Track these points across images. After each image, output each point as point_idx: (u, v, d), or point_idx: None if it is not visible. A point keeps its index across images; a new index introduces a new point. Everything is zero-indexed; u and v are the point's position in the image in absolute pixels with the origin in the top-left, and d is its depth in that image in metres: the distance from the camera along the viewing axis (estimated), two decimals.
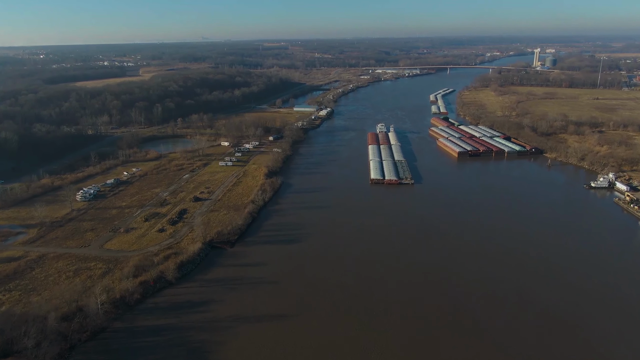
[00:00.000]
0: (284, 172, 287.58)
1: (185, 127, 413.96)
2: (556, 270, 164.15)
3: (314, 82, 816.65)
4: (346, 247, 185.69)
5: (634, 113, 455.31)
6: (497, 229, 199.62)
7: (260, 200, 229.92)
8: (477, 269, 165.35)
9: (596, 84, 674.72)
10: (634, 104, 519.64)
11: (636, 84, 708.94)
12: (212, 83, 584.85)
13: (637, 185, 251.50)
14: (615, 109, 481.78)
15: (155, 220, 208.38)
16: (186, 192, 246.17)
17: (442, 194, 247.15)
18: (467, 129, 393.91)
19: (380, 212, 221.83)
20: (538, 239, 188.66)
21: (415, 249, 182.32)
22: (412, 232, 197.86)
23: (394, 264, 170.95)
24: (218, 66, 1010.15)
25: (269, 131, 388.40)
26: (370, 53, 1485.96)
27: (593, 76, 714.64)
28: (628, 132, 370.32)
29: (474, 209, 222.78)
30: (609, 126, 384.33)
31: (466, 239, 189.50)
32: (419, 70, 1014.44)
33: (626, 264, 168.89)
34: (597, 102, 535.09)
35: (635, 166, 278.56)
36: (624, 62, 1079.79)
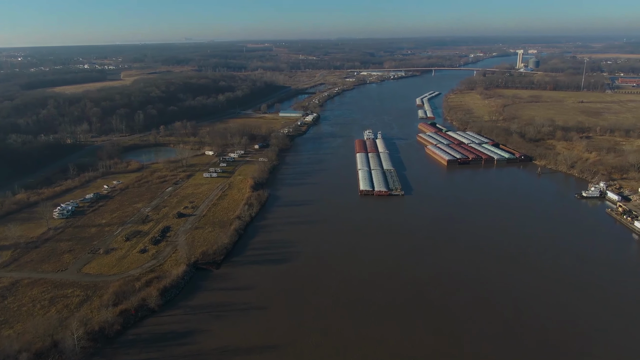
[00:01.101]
0: (271, 183, 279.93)
1: (168, 134, 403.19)
2: (551, 290, 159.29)
3: (299, 85, 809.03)
4: (337, 266, 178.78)
5: (619, 117, 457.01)
6: (491, 247, 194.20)
7: (247, 215, 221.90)
8: (471, 291, 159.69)
9: (580, 87, 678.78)
10: (618, 107, 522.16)
11: (619, 86, 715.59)
12: (196, 88, 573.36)
13: (628, 194, 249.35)
14: (601, 113, 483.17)
15: (136, 239, 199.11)
16: (169, 207, 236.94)
17: (433, 206, 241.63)
18: (455, 135, 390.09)
19: (371, 227, 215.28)
20: (532, 257, 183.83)
21: (408, 268, 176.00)
22: (404, 249, 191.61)
23: (387, 284, 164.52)
24: (202, 69, 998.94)
25: (254, 139, 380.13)
26: (354, 54, 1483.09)
27: (577, 79, 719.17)
28: (615, 137, 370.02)
29: (465, 224, 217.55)
30: (596, 131, 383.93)
31: (459, 258, 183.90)
32: (404, 72, 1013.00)
33: (623, 283, 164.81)
34: (582, 105, 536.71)
35: (625, 174, 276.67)
36: (605, 64, 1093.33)
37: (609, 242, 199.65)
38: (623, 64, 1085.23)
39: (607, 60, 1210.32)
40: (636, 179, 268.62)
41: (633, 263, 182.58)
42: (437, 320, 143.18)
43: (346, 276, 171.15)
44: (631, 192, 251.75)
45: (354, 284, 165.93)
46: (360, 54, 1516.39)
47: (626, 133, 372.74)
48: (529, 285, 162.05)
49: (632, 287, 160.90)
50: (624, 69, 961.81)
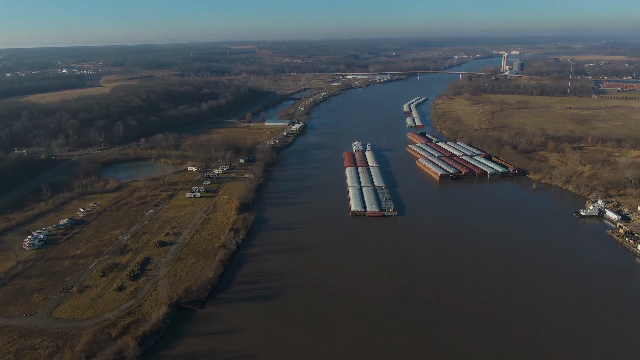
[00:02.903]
0: (257, 203, 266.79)
1: (149, 147, 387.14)
2: (554, 326, 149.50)
3: (284, 90, 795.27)
4: (331, 302, 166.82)
5: (608, 125, 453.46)
6: (493, 277, 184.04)
7: (233, 243, 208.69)
8: (470, 332, 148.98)
9: (566, 91, 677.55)
10: (606, 114, 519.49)
11: (604, 91, 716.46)
12: (178, 96, 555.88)
13: (627, 212, 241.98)
14: (590, 120, 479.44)
15: (113, 274, 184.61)
16: (150, 233, 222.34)
17: (427, 229, 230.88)
18: (445, 146, 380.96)
19: (365, 254, 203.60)
20: (532, 286, 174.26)
21: (406, 304, 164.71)
22: (402, 283, 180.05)
23: (385, 324, 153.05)
24: (184, 73, 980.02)
25: (239, 151, 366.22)
26: (339, 57, 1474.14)
27: (563, 83, 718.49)
28: (607, 148, 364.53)
29: (462, 248, 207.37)
30: (588, 141, 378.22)
31: (456, 290, 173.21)
32: (390, 76, 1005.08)
33: (631, 314, 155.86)
34: (570, 112, 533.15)
35: (622, 190, 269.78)
36: (589, 66, 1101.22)
37: (614, 268, 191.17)
38: (605, 66, 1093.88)
39: (589, 62, 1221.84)
40: (634, 196, 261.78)
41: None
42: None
43: (340, 315, 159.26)
44: (630, 210, 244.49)
45: (349, 324, 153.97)
46: (344, 56, 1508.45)
47: (618, 143, 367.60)
48: (533, 317, 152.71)
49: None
50: (607, 72, 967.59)
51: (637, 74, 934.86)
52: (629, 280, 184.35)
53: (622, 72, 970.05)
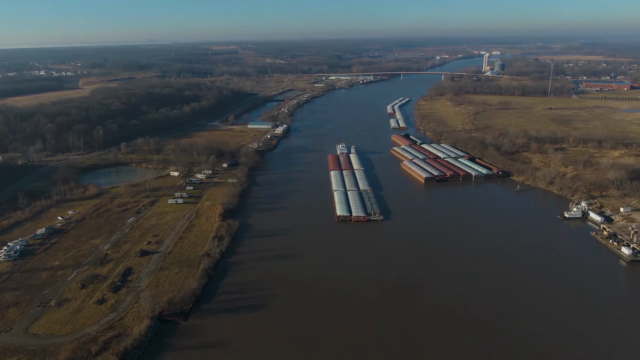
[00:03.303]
0: (242, 209, 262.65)
1: (130, 152, 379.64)
2: (540, 327, 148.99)
3: (267, 91, 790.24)
4: (318, 311, 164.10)
5: (589, 125, 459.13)
6: (478, 280, 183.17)
7: (217, 251, 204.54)
8: (460, 336, 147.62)
9: (547, 92, 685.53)
10: (586, 114, 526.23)
11: (583, 91, 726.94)
12: (159, 98, 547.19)
13: (610, 214, 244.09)
14: (570, 121, 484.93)
15: (93, 285, 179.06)
16: (131, 242, 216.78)
17: (413, 232, 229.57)
18: (430, 148, 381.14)
19: (351, 261, 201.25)
20: (520, 290, 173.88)
21: (394, 310, 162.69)
22: (390, 288, 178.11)
23: (375, 332, 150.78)
24: (165, 75, 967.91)
25: (222, 155, 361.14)
26: (322, 57, 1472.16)
27: (543, 84, 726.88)
28: (588, 148, 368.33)
29: (449, 253, 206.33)
30: (569, 142, 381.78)
31: (444, 296, 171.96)
32: (373, 77, 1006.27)
33: (618, 316, 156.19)
34: (552, 112, 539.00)
35: (605, 191, 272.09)
36: (568, 66, 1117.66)
37: (599, 271, 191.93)
38: (584, 66, 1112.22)
39: (568, 62, 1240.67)
40: (616, 197, 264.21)
41: (626, 295, 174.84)
42: None
43: (328, 323, 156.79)
44: (613, 211, 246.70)
45: (337, 332, 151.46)
46: (327, 57, 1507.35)
47: (599, 144, 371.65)
48: (521, 319, 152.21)
49: (629, 324, 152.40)
50: (586, 72, 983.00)
51: (615, 74, 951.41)
52: (614, 283, 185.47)
53: (601, 72, 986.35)
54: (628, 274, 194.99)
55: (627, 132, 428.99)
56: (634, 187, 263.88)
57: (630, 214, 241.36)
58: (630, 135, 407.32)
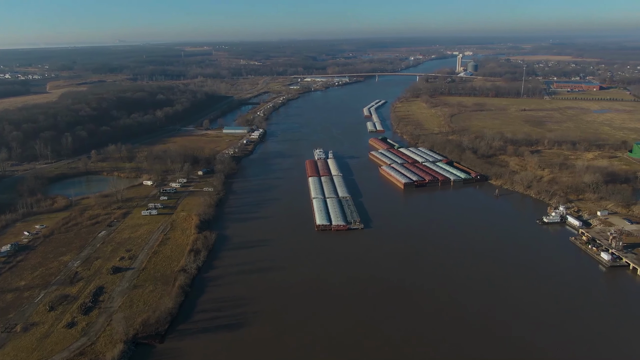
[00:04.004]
0: (218, 219, 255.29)
1: (101, 160, 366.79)
2: (525, 337, 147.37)
3: (242, 94, 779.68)
4: (300, 328, 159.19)
5: (562, 127, 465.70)
6: (462, 288, 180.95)
7: (193, 266, 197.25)
8: (449, 343, 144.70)
9: (520, 93, 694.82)
10: (559, 115, 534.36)
11: (555, 92, 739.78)
12: (131, 103, 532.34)
13: (587, 218, 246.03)
14: (544, 122, 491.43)
15: (63, 307, 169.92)
16: (103, 258, 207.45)
17: (394, 241, 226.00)
18: (407, 152, 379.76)
19: (333, 272, 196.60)
20: (502, 298, 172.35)
21: (382, 324, 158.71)
22: (374, 301, 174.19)
23: (361, 346, 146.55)
24: (137, 78, 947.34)
25: (197, 162, 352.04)
26: (297, 59, 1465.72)
27: (516, 85, 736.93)
28: (563, 150, 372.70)
29: (430, 261, 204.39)
30: (544, 144, 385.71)
31: (429, 306, 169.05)
32: (348, 78, 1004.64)
33: (600, 321, 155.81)
34: (525, 113, 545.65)
35: (582, 194, 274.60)
36: (539, 67, 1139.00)
37: (578, 277, 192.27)
38: (554, 67, 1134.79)
39: (539, 62, 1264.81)
40: (592, 200, 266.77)
41: (607, 302, 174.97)
42: None
43: (313, 341, 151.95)
44: (590, 215, 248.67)
45: (323, 350, 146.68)
46: (302, 58, 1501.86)
47: (573, 146, 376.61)
48: (502, 327, 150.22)
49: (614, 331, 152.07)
50: (556, 73, 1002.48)
51: (584, 75, 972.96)
52: (595, 290, 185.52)
53: (570, 73, 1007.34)
54: (608, 280, 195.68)
55: (599, 133, 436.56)
56: (610, 191, 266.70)
57: (607, 217, 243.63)
58: (602, 137, 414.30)
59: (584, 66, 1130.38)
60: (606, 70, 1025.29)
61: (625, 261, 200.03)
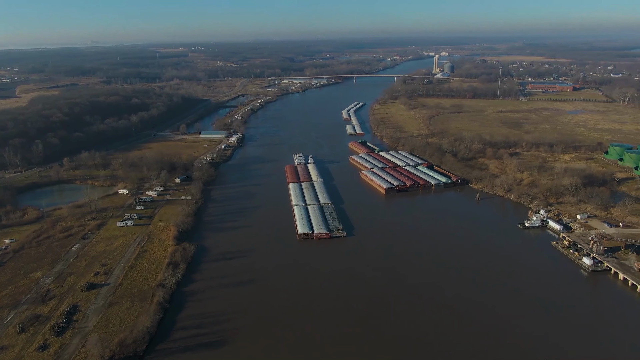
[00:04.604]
0: (197, 229, 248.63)
1: (74, 167, 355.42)
2: (510, 342, 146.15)
3: (219, 97, 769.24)
4: (285, 343, 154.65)
5: (539, 128, 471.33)
6: (448, 297, 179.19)
7: (172, 281, 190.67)
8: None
9: (496, 94, 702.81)
10: (535, 116, 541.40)
11: (530, 92, 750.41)
12: (105, 107, 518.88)
13: (568, 221, 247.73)
14: (521, 124, 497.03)
15: (34, 328, 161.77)
16: (76, 274, 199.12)
17: (377, 248, 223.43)
18: (388, 156, 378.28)
19: (317, 283, 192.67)
20: (486, 307, 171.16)
21: (367, 337, 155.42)
22: (359, 312, 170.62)
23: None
24: (111, 81, 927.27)
25: (174, 169, 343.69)
26: (274, 60, 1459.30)
27: (492, 86, 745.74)
28: (541, 152, 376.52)
29: (414, 269, 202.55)
30: (523, 146, 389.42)
31: (412, 320, 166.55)
32: (326, 80, 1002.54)
33: (586, 327, 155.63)
34: (503, 115, 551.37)
35: (561, 197, 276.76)
36: (513, 67, 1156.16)
37: (561, 282, 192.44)
38: (528, 67, 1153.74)
39: (513, 63, 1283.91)
40: (572, 204, 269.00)
41: (590, 308, 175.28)
42: None
43: (296, 358, 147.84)
44: (570, 219, 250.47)
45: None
46: (280, 59, 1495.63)
47: (550, 148, 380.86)
48: (488, 336, 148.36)
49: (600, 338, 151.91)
50: (531, 74, 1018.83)
51: (557, 75, 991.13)
52: (580, 295, 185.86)
53: (544, 73, 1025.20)
54: (590, 285, 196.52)
55: (574, 134, 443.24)
56: (588, 193, 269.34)
57: (587, 221, 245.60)
58: (578, 138, 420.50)
59: (557, 67, 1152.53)
60: (578, 71, 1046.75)
61: (606, 266, 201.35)
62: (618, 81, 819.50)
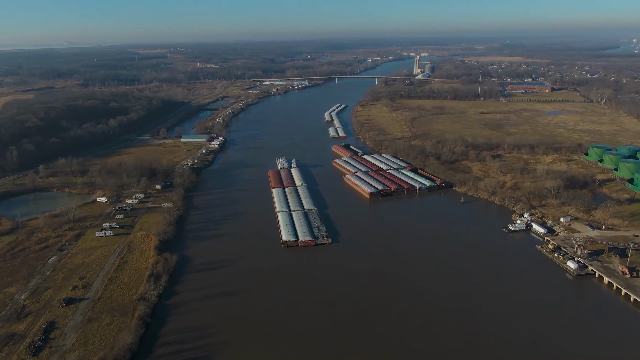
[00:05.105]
0: (179, 238, 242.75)
1: (50, 175, 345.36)
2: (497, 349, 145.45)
3: (199, 99, 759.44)
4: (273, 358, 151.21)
5: (519, 130, 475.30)
6: (434, 305, 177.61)
7: (154, 293, 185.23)
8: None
9: (477, 95, 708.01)
10: (516, 118, 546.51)
11: (510, 93, 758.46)
12: (82, 112, 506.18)
13: (551, 224, 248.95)
14: (502, 125, 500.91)
15: (8, 348, 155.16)
16: (53, 288, 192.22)
17: (364, 256, 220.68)
18: (371, 159, 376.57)
19: (303, 294, 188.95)
20: (472, 313, 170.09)
21: (355, 351, 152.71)
22: (348, 324, 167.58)
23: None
24: (88, 83, 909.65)
25: (155, 175, 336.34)
26: (255, 61, 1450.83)
27: (473, 87, 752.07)
28: (522, 154, 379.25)
29: (401, 277, 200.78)
30: (504, 148, 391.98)
31: (399, 330, 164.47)
32: (308, 82, 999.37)
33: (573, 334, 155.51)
34: (484, 116, 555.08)
35: (544, 200, 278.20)
36: (492, 68, 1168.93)
37: (547, 287, 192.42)
38: (507, 68, 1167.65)
39: (492, 63, 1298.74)
40: (555, 206, 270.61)
41: (576, 312, 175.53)
42: None
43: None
44: (554, 222, 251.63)
45: None
46: (260, 60, 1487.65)
47: (531, 149, 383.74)
48: (473, 342, 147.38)
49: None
50: (510, 74, 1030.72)
51: (536, 76, 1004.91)
52: (566, 300, 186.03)
53: (523, 74, 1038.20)
54: (576, 289, 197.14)
55: (554, 135, 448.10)
56: (571, 196, 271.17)
57: (571, 223, 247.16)
58: (558, 139, 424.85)
59: (535, 67, 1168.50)
60: (556, 72, 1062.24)
61: (591, 269, 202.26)
62: (595, 82, 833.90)
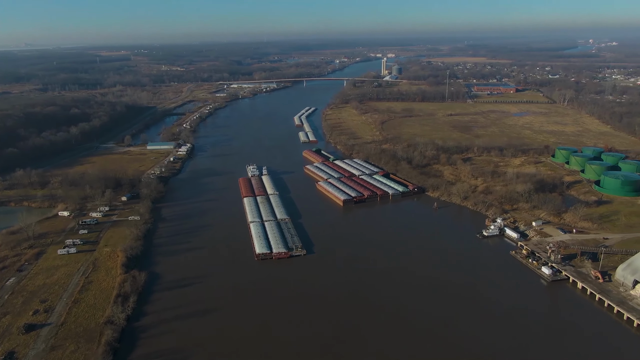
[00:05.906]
0: (147, 254, 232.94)
1: (8, 187, 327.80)
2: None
3: (165, 103, 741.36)
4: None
5: (487, 131, 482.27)
6: (410, 315, 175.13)
7: (122, 316, 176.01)
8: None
9: (444, 96, 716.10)
10: (483, 119, 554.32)
11: (476, 95, 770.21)
12: (41, 119, 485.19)
13: (524, 229, 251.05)
14: (471, 127, 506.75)
15: None
16: (12, 314, 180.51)
17: (339, 267, 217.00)
18: (343, 164, 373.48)
19: (280, 310, 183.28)
20: (451, 322, 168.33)
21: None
22: (327, 342, 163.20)
23: None
24: (47, 88, 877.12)
25: (120, 186, 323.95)
26: (222, 63, 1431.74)
27: (440, 88, 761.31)
28: (492, 157, 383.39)
29: (378, 286, 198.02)
30: (474, 151, 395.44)
31: (377, 345, 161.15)
32: (276, 84, 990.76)
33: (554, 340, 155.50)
34: (452, 119, 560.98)
35: (515, 204, 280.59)
36: (458, 69, 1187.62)
37: (522, 294, 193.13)
38: (472, 69, 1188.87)
39: (457, 64, 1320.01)
40: (526, 210, 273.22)
41: (552, 318, 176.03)
42: None
43: None
44: (526, 226, 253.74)
45: None
46: (227, 63, 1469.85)
47: (500, 152, 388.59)
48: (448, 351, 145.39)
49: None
50: (475, 75, 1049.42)
51: (500, 77, 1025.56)
52: (542, 306, 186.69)
53: (487, 75, 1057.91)
54: (551, 295, 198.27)
55: (522, 137, 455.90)
56: (541, 199, 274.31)
57: (542, 227, 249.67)
58: (525, 141, 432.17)
59: (499, 68, 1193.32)
60: (519, 72, 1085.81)
61: (565, 274, 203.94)
62: (556, 82, 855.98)
